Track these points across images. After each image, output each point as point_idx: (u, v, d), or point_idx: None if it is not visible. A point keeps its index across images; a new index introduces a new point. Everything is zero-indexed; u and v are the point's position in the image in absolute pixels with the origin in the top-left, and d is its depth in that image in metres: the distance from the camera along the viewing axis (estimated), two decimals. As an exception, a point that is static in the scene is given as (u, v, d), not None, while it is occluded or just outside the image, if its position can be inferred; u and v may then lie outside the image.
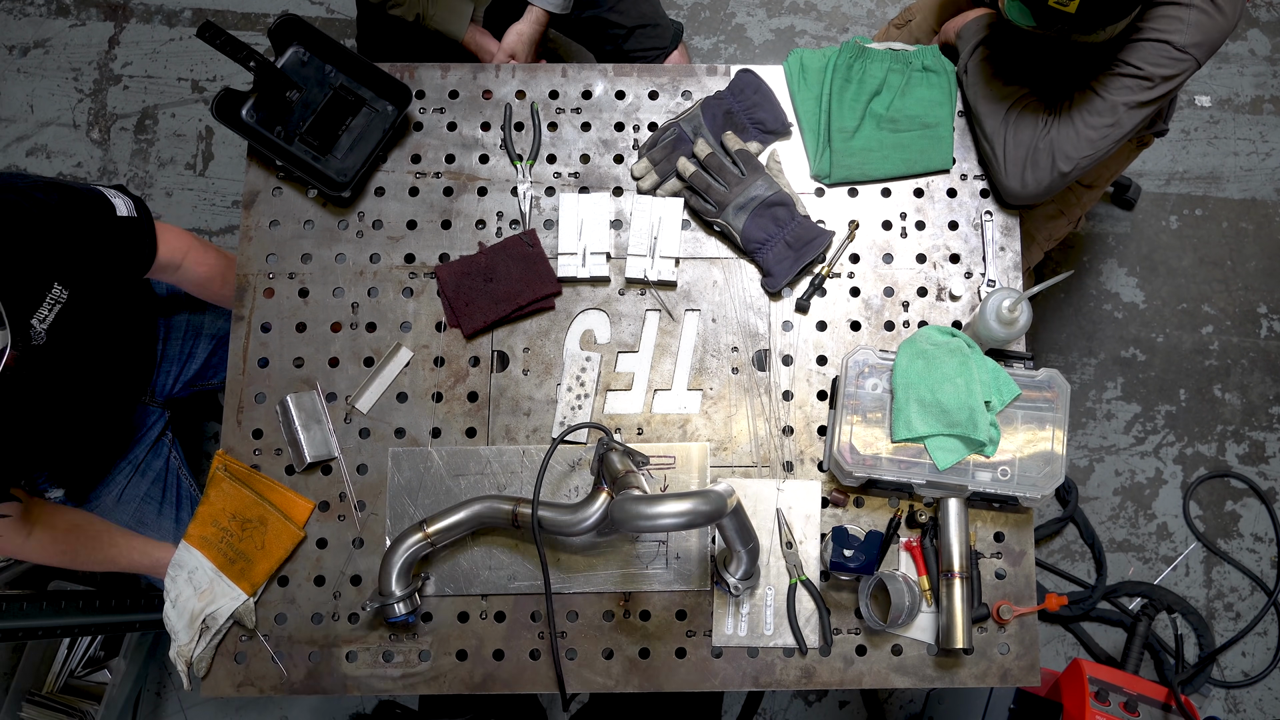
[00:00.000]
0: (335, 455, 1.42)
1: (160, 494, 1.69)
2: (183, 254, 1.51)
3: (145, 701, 2.21)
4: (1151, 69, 1.31)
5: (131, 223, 1.40)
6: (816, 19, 2.56)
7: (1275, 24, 2.55)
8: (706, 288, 1.48)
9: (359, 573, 1.39)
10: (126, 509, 1.65)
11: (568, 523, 1.28)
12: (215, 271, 1.56)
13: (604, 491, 1.28)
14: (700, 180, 1.46)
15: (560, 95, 1.56)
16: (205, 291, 1.59)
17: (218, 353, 1.78)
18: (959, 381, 1.30)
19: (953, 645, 1.28)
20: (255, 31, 2.53)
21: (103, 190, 1.39)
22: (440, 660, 1.36)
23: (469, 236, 1.50)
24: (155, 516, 1.66)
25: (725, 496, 1.11)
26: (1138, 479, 2.33)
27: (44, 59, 2.53)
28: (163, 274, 1.52)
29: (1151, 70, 1.31)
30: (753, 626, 1.36)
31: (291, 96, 1.50)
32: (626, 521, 1.10)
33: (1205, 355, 2.39)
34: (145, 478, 1.69)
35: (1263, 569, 2.29)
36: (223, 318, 1.79)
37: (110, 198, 1.39)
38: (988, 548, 1.39)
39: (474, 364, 1.46)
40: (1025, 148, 1.39)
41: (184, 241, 1.52)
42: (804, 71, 1.53)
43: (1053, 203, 1.77)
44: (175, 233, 1.52)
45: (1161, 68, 1.31)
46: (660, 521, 1.09)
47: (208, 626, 1.35)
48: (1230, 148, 2.49)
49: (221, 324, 1.79)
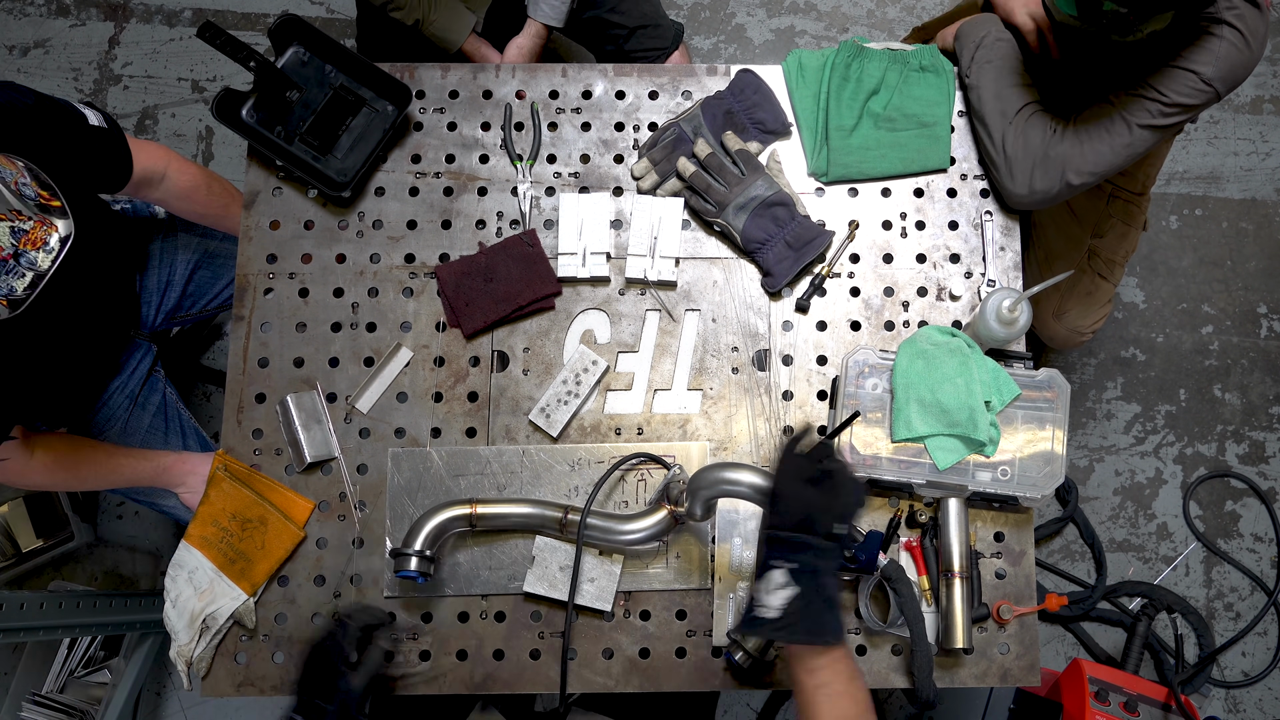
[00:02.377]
0: (335, 455, 1.42)
1: (164, 425, 1.70)
2: (164, 164, 1.52)
3: (145, 701, 2.21)
4: (1175, 96, 1.31)
5: (104, 133, 1.40)
6: (816, 19, 2.56)
7: (1275, 24, 2.55)
8: (706, 288, 1.48)
9: (359, 573, 1.39)
10: (132, 443, 1.66)
11: (622, 532, 1.30)
12: (199, 181, 1.56)
13: (665, 508, 1.29)
14: (700, 180, 1.46)
15: (560, 95, 1.56)
16: (189, 204, 1.58)
17: (194, 278, 1.77)
18: (959, 381, 1.30)
19: (953, 645, 1.28)
20: (255, 31, 2.53)
21: (70, 102, 1.39)
22: (440, 660, 1.36)
23: (469, 236, 1.50)
24: (163, 448, 1.67)
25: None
26: (1138, 479, 2.33)
27: (44, 59, 2.53)
28: (147, 189, 1.52)
29: (1174, 98, 1.31)
30: (753, 626, 1.36)
31: (291, 96, 1.50)
32: (707, 487, 1.19)
33: (1205, 355, 2.39)
34: (146, 411, 1.69)
35: (1263, 569, 2.29)
36: (195, 238, 1.77)
37: (80, 109, 1.39)
38: (988, 548, 1.39)
39: (474, 364, 1.46)
40: (1033, 154, 1.39)
41: (163, 152, 1.53)
42: (802, 70, 1.53)
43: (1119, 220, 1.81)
44: (153, 146, 1.52)
45: (1184, 97, 1.31)
46: (740, 487, 1.17)
47: (208, 626, 1.35)
48: (1230, 148, 2.49)
49: (196, 245, 1.77)
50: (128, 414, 1.67)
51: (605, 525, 1.30)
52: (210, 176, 1.60)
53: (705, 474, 1.20)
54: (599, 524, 1.30)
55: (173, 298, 1.76)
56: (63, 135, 1.34)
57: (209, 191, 1.58)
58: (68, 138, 1.35)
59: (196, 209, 1.60)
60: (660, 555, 1.38)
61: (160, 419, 1.71)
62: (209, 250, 1.79)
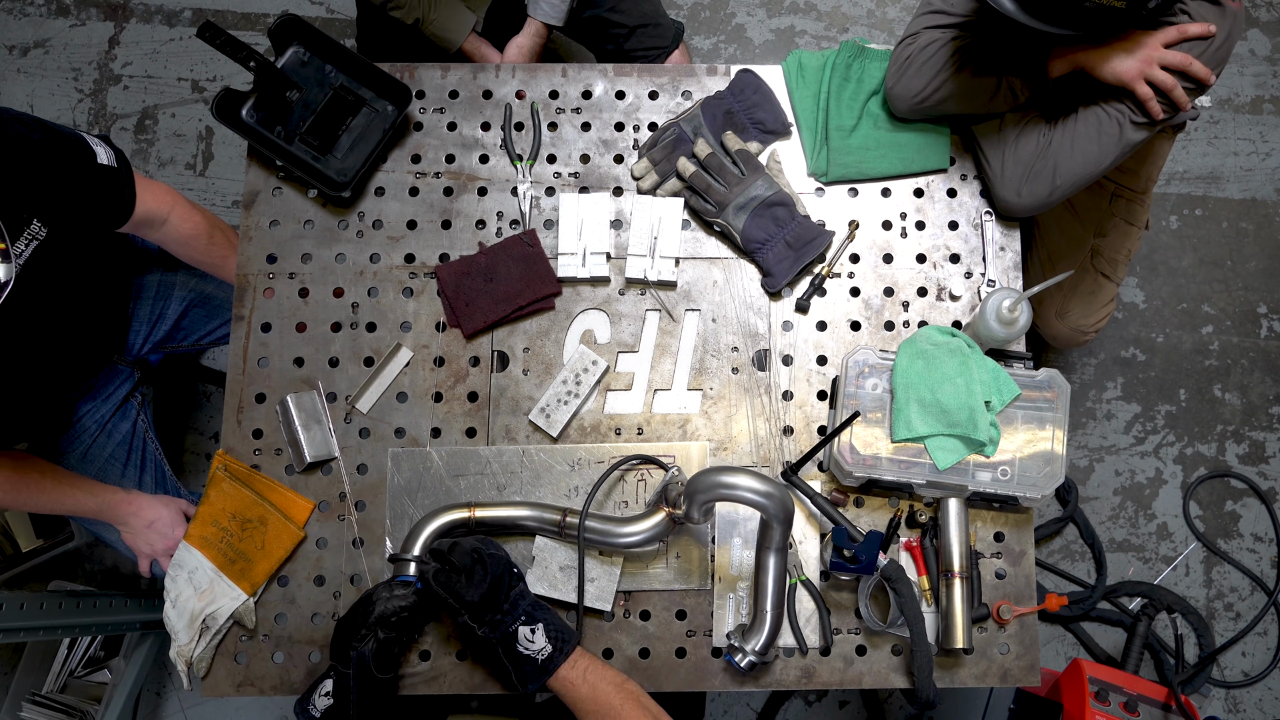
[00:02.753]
0: (335, 455, 1.42)
1: (125, 456, 1.67)
2: (168, 209, 1.50)
3: (145, 701, 2.21)
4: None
5: (111, 172, 1.39)
6: (816, 19, 2.56)
7: (1275, 24, 2.55)
8: (706, 288, 1.48)
9: (359, 573, 1.39)
10: (89, 468, 1.64)
11: (620, 534, 1.30)
12: (200, 230, 1.55)
13: (663, 510, 1.29)
14: (700, 180, 1.46)
15: (560, 95, 1.56)
16: (188, 250, 1.57)
17: (188, 315, 1.76)
18: (959, 381, 1.30)
19: (953, 645, 1.28)
20: (255, 31, 2.53)
21: (85, 136, 1.38)
22: (440, 660, 1.36)
23: (469, 236, 1.50)
24: (118, 479, 1.64)
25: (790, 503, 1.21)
26: (1138, 479, 2.33)
27: (44, 59, 2.53)
28: (147, 229, 1.50)
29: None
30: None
31: (291, 96, 1.50)
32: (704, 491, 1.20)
33: (1205, 355, 2.39)
34: (111, 439, 1.67)
35: (1263, 569, 2.29)
36: (194, 278, 1.76)
37: (92, 144, 1.38)
38: (988, 548, 1.39)
39: (474, 364, 1.46)
40: (1025, 163, 1.39)
41: (169, 197, 1.51)
42: (802, 71, 1.53)
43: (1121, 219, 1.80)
44: (160, 188, 1.50)
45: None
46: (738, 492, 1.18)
47: (208, 626, 1.35)
48: (1230, 148, 2.49)
49: (194, 285, 1.76)
50: (92, 439, 1.65)
51: (604, 528, 1.30)
52: (213, 226, 1.58)
53: (702, 478, 1.20)
54: (597, 526, 1.30)
55: (163, 330, 1.74)
56: (65, 173, 1.32)
57: (209, 241, 1.56)
58: (70, 176, 1.33)
59: (194, 256, 1.58)
60: (660, 556, 1.38)
61: (123, 449, 1.68)
62: (206, 293, 1.77)
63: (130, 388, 1.72)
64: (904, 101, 1.44)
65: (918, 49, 1.40)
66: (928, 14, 1.42)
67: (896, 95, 1.44)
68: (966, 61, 1.38)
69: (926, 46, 1.39)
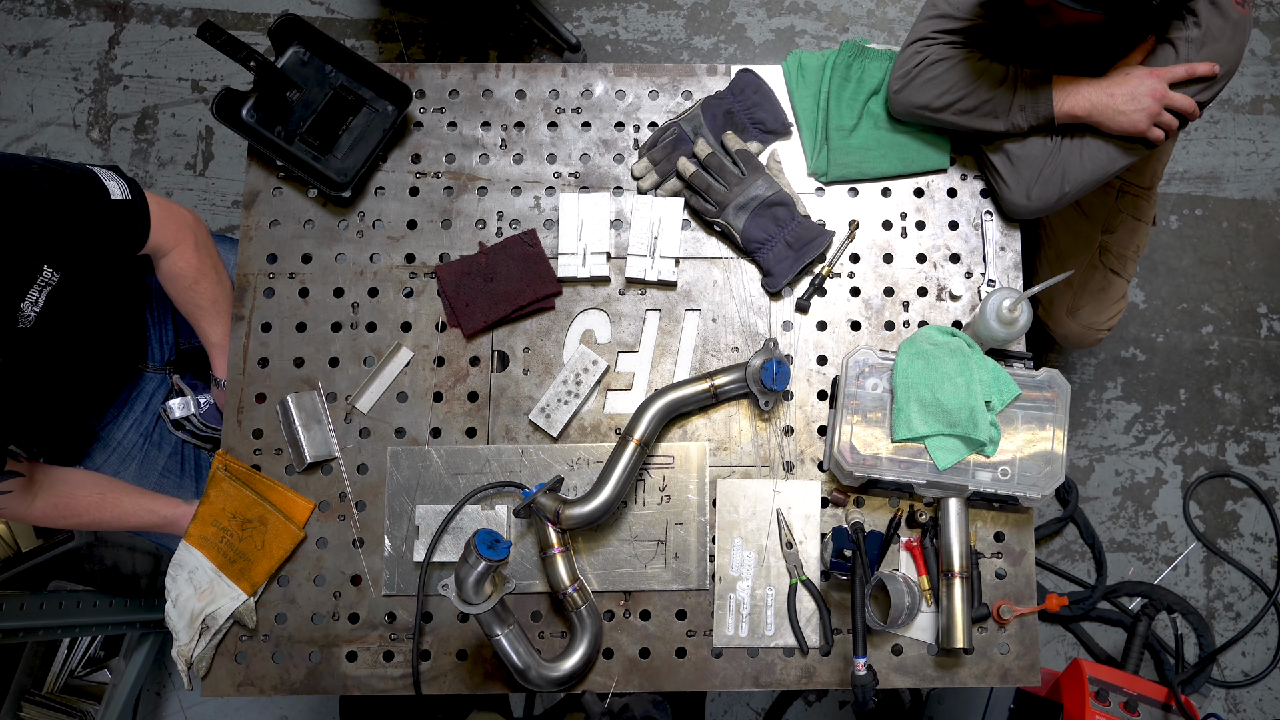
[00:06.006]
0: (335, 455, 1.42)
1: (179, 466, 1.66)
2: (172, 245, 1.47)
3: (145, 701, 2.21)
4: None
5: (125, 205, 1.38)
6: (816, 19, 2.56)
7: (1275, 24, 2.55)
8: (706, 288, 1.48)
9: (359, 573, 1.39)
10: (148, 483, 1.62)
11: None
12: (186, 272, 1.48)
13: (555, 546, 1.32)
14: (700, 180, 1.46)
15: (560, 95, 1.56)
16: (168, 287, 1.51)
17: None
18: (959, 381, 1.30)
19: (953, 645, 1.28)
20: (255, 31, 2.53)
21: (96, 172, 1.37)
22: (440, 660, 1.36)
23: (469, 236, 1.50)
24: (175, 489, 1.63)
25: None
26: (1138, 479, 2.33)
27: (44, 59, 2.53)
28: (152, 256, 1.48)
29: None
30: (753, 627, 1.37)
31: (291, 96, 1.50)
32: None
33: (1205, 355, 2.39)
34: (162, 450, 1.65)
35: (1263, 569, 2.29)
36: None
37: (104, 180, 1.36)
38: (988, 548, 1.39)
39: (474, 364, 1.46)
40: (1034, 166, 1.39)
41: (179, 234, 1.47)
42: (802, 71, 1.53)
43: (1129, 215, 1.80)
44: (178, 221, 1.47)
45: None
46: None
47: (208, 626, 1.35)
48: (1230, 148, 2.49)
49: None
50: (143, 451, 1.63)
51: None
52: (202, 275, 1.49)
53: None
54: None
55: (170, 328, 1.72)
56: (78, 218, 1.31)
57: (191, 287, 1.49)
58: (83, 219, 1.32)
59: (173, 294, 1.51)
60: (660, 555, 1.38)
61: (175, 459, 1.65)
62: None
63: (166, 394, 1.69)
64: (906, 109, 1.43)
65: (927, 63, 1.39)
66: (933, 18, 1.41)
67: (899, 102, 1.43)
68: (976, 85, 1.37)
69: (937, 62, 1.38)
